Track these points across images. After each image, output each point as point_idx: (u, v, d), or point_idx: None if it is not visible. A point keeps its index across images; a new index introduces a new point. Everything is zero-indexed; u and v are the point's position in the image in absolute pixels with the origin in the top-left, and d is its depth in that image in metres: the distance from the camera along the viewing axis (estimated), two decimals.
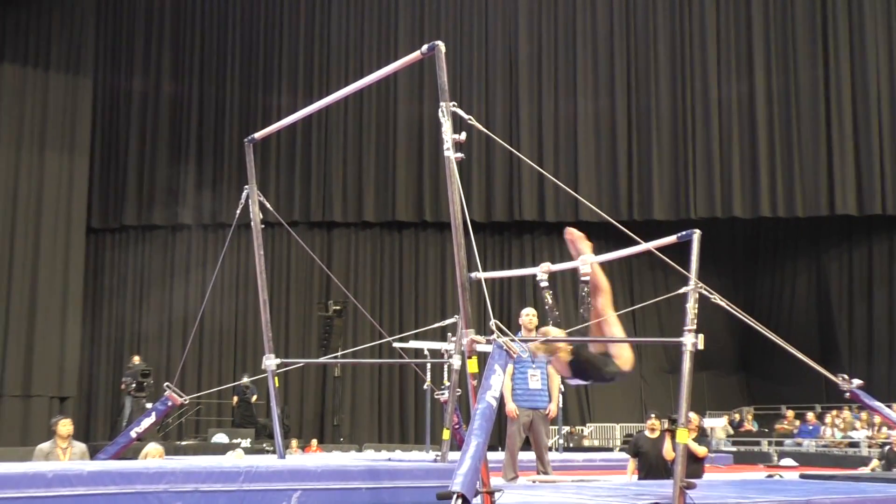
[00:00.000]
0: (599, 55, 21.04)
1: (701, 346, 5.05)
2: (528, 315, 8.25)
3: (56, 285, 17.35)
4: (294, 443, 15.91)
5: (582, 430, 20.28)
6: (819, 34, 20.06)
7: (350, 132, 21.10)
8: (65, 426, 8.68)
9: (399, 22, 21.32)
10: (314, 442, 17.03)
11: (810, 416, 18.33)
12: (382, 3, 21.42)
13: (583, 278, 5.70)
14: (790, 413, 19.16)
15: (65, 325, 17.36)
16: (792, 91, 20.03)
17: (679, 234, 5.68)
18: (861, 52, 19.73)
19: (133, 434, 7.12)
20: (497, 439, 12.29)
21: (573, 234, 5.91)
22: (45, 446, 8.63)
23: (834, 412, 18.05)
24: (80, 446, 8.87)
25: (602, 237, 5.98)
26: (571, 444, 18.60)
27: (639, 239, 5.81)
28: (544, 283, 6.13)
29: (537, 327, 8.62)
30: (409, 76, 20.62)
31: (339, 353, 17.61)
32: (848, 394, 5.73)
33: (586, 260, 5.74)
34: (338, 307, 18.93)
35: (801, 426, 18.31)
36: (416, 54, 4.86)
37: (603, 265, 5.87)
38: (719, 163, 20.18)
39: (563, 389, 14.11)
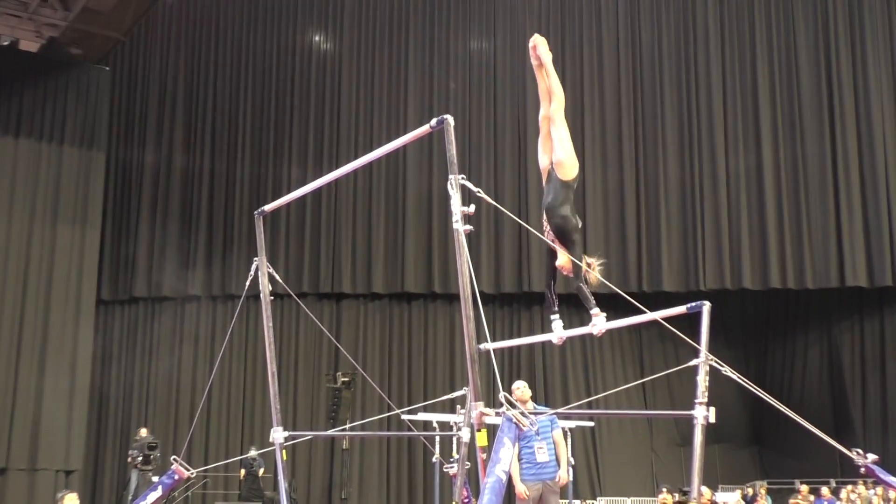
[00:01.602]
0: (607, 127, 21.25)
1: (713, 419, 5.01)
2: (520, 388, 8.42)
3: (65, 357, 17.31)
4: None
5: None
6: (825, 106, 20.27)
7: (359, 204, 21.23)
8: (71, 500, 8.61)
9: (408, 94, 21.61)
10: None
11: (825, 490, 18.02)
12: (392, 76, 21.74)
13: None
14: (804, 488, 18.82)
15: (72, 398, 17.26)
16: (800, 162, 20.17)
17: (689, 305, 5.66)
18: (867, 123, 19.90)
19: None
20: None
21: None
22: None
23: (849, 487, 17.77)
24: None
25: (611, 309, 5.99)
26: None
27: (647, 310, 5.79)
28: None
29: (533, 398, 8.71)
30: (419, 148, 20.82)
31: (348, 426, 17.47)
32: (863, 469, 5.65)
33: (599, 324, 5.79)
34: (346, 379, 18.83)
35: (815, 501, 17.98)
36: (425, 128, 4.91)
37: (610, 329, 5.87)
38: (728, 234, 20.22)
39: (573, 462, 13.95)
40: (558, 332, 6.32)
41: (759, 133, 20.45)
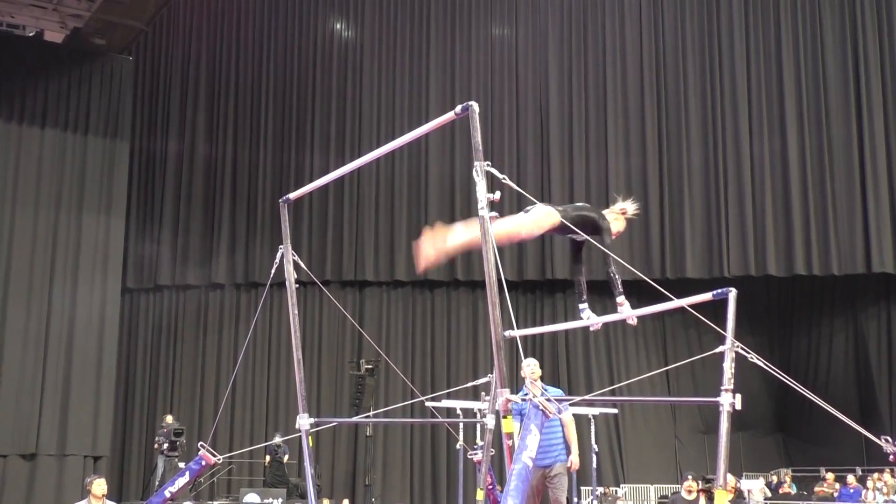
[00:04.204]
0: (630, 113, 21.14)
1: (739, 407, 4.98)
2: (530, 366, 8.24)
3: (91, 345, 17.47)
4: (326, 502, 15.80)
5: (616, 491, 19.95)
6: (852, 90, 20.05)
7: (382, 191, 21.25)
8: (99, 486, 8.71)
9: (430, 80, 21.57)
10: (346, 502, 16.90)
11: (851, 478, 17.92)
12: (413, 62, 21.71)
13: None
14: (830, 476, 18.75)
15: (99, 385, 17.44)
16: (825, 147, 19.96)
17: (715, 292, 5.62)
18: (895, 107, 19.67)
19: (167, 494, 7.11)
20: None
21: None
22: None
23: (876, 475, 17.65)
24: None
25: (634, 295, 5.98)
26: None
27: (672, 296, 5.76)
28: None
29: (555, 384, 8.60)
30: (441, 134, 20.78)
31: (371, 413, 17.54)
32: (892, 456, 5.60)
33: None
34: (370, 366, 18.90)
35: (841, 489, 17.90)
36: (450, 115, 4.88)
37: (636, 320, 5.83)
38: (752, 220, 20.07)
39: (597, 449, 13.91)
40: (595, 318, 6.24)
41: (784, 117, 20.26)
